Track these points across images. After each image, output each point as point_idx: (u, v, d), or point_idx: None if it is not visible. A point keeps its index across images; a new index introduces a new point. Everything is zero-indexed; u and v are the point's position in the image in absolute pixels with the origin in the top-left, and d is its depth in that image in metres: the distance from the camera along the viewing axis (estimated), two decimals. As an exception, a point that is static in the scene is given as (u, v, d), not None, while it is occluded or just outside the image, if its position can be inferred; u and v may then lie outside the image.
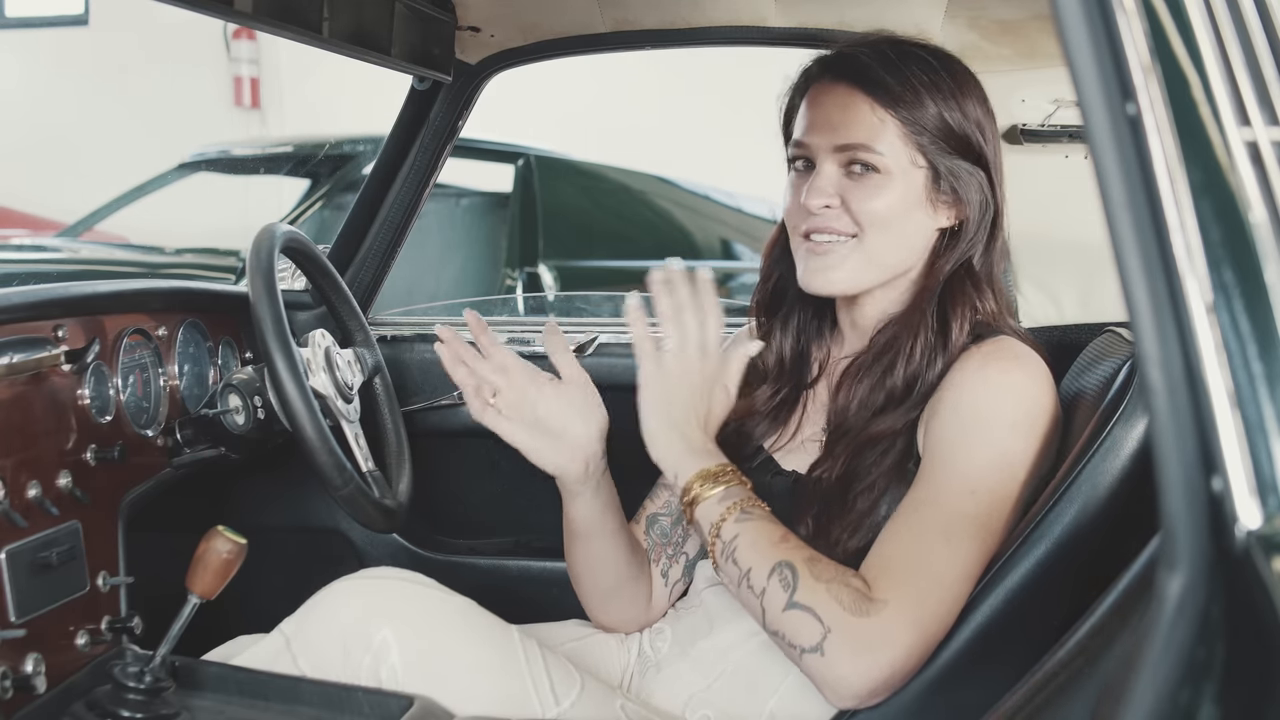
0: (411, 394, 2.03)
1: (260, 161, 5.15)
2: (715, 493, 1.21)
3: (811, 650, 1.11)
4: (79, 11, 6.77)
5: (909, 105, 1.27)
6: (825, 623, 1.11)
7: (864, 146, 1.27)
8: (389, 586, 1.28)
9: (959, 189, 1.29)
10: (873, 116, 1.27)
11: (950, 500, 1.17)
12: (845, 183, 1.28)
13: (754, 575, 1.16)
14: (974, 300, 1.30)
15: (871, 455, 1.27)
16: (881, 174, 1.27)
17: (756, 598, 1.16)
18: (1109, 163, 0.67)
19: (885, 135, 1.27)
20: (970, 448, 1.19)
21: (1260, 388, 0.65)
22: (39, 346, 1.36)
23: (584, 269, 4.51)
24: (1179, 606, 0.64)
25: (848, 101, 1.28)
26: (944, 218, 1.31)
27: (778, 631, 1.15)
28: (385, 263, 2.02)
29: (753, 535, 1.18)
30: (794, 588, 1.13)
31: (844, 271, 1.30)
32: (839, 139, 1.28)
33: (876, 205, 1.27)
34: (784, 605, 1.13)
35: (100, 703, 1.19)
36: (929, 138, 1.27)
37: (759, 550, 1.17)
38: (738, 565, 1.18)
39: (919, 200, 1.29)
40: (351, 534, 2.03)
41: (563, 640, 1.46)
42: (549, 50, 1.90)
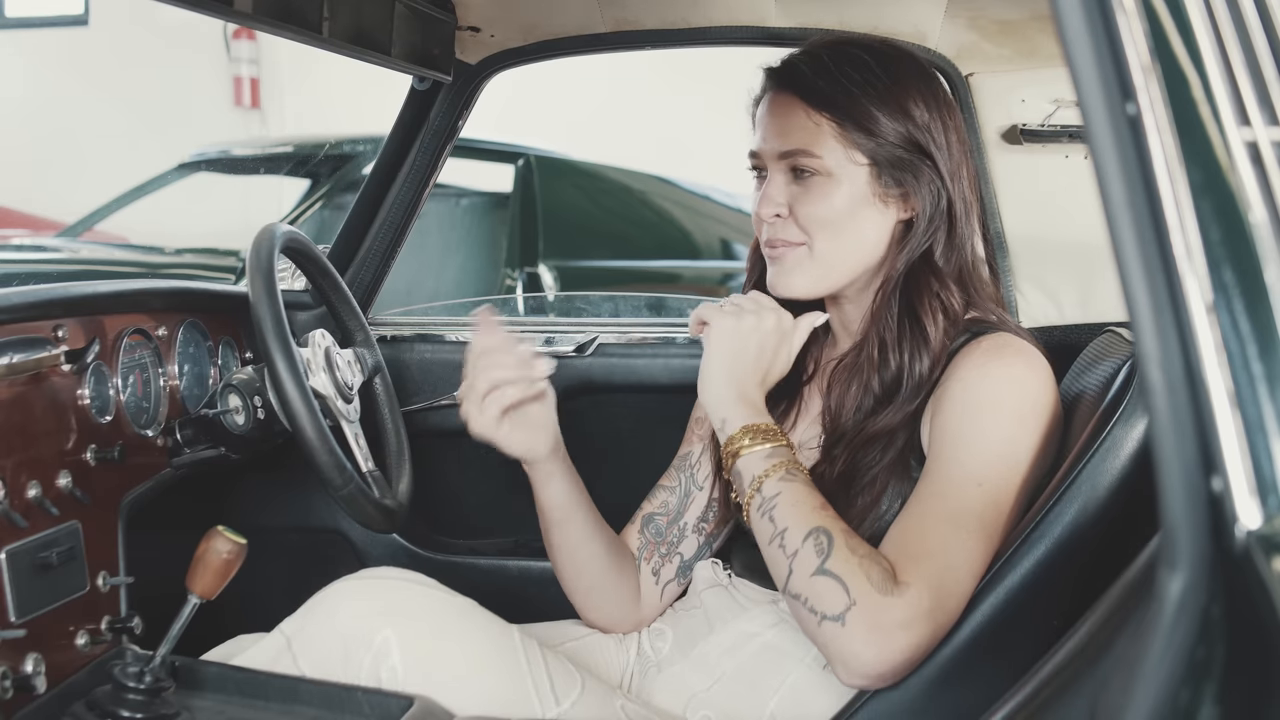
0: (411, 394, 2.03)
1: (260, 161, 5.15)
2: (762, 448, 1.22)
3: (833, 619, 1.11)
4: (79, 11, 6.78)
5: (842, 106, 1.30)
6: (852, 594, 1.11)
7: (803, 151, 1.30)
8: (389, 586, 1.28)
9: (905, 181, 1.31)
10: (808, 121, 1.31)
11: (958, 493, 1.17)
12: (794, 189, 1.32)
13: (789, 535, 1.16)
14: (938, 292, 1.30)
15: (871, 453, 1.27)
16: (823, 176, 1.30)
17: (787, 558, 1.16)
18: (1109, 163, 0.67)
19: (821, 138, 1.30)
20: (976, 439, 1.19)
21: (1260, 388, 0.65)
22: (39, 346, 1.36)
23: (584, 269, 4.51)
24: (1179, 606, 0.64)
25: (786, 109, 1.33)
26: (897, 212, 1.33)
27: (800, 595, 1.14)
28: (385, 263, 2.02)
29: (794, 496, 1.18)
30: (828, 554, 1.13)
31: (801, 277, 1.34)
32: (781, 146, 1.32)
33: (821, 210, 1.30)
34: (814, 570, 1.13)
35: (100, 703, 1.19)
36: (865, 135, 1.29)
37: (799, 512, 1.17)
38: (774, 522, 1.18)
39: (865, 198, 1.31)
40: (351, 534, 2.03)
41: (562, 640, 1.46)
42: (549, 50, 1.90)
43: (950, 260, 1.32)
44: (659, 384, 1.99)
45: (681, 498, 1.50)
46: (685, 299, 4.03)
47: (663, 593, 1.50)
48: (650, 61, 2.95)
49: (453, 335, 2.06)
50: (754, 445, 1.22)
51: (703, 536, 1.50)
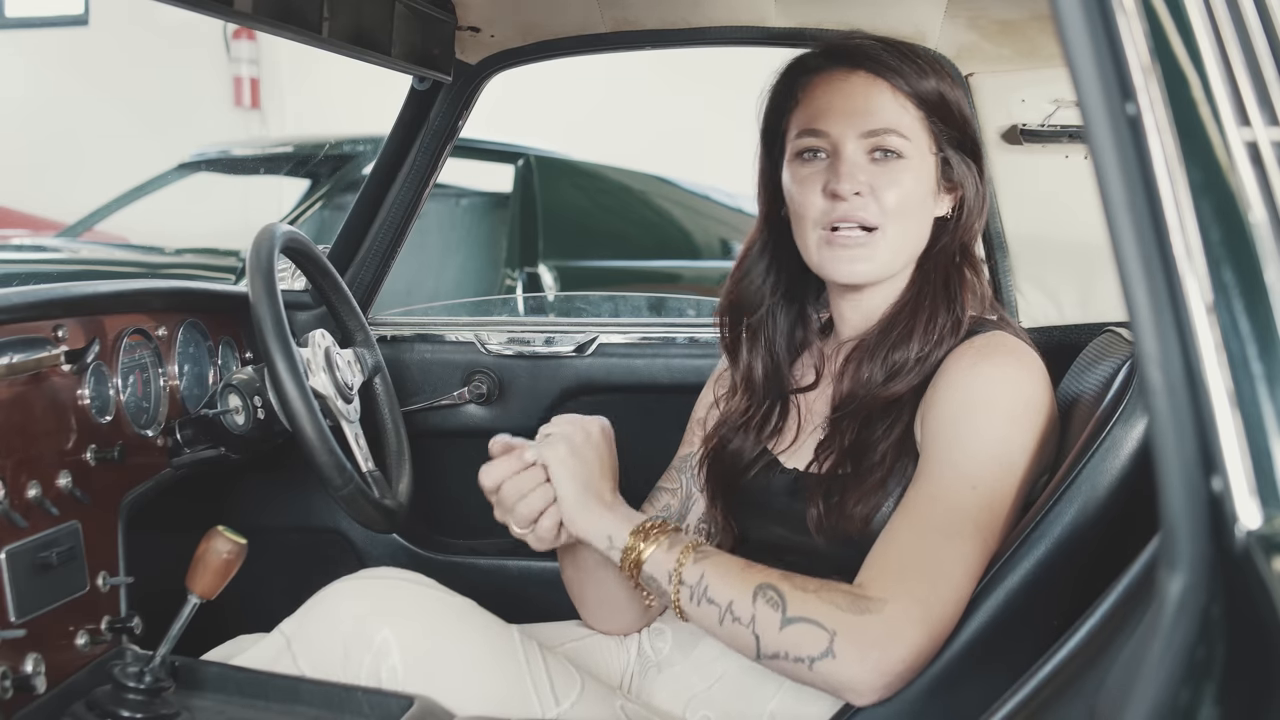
0: (411, 394, 2.03)
1: (260, 161, 5.15)
2: (658, 544, 1.19)
3: (821, 657, 1.10)
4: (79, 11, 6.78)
5: (924, 90, 1.30)
6: (828, 628, 1.10)
7: (892, 131, 1.29)
8: (389, 587, 1.28)
9: (958, 178, 1.33)
10: (894, 102, 1.30)
11: (951, 495, 1.17)
12: (871, 169, 1.29)
13: (737, 606, 1.14)
14: (973, 281, 1.33)
15: (880, 426, 1.27)
16: (904, 159, 1.29)
17: (746, 627, 1.14)
18: (1109, 163, 0.67)
19: (908, 120, 1.30)
20: (969, 440, 1.19)
21: (1260, 388, 0.65)
22: (39, 346, 1.36)
23: (584, 269, 4.51)
24: (1179, 606, 0.64)
25: (868, 88, 1.30)
26: (942, 206, 1.35)
27: (778, 653, 1.13)
28: (385, 263, 2.02)
29: (719, 569, 1.17)
30: (784, 604, 1.12)
31: (873, 264, 1.31)
32: (866, 125, 1.29)
33: (901, 192, 1.29)
34: (780, 624, 1.12)
35: (100, 703, 1.19)
36: (940, 124, 1.31)
37: (731, 581, 1.15)
38: (715, 603, 1.16)
39: (930, 188, 1.32)
40: (351, 534, 2.03)
41: (562, 640, 1.46)
42: (549, 50, 1.90)
43: (974, 247, 1.36)
44: (659, 384, 1.99)
45: (683, 500, 1.50)
46: (685, 299, 4.03)
47: None
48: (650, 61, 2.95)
49: (453, 335, 2.06)
50: (650, 545, 1.20)
51: (703, 537, 1.50)
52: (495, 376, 2.03)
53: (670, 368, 1.98)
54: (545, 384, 2.03)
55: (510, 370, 2.03)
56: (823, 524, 1.26)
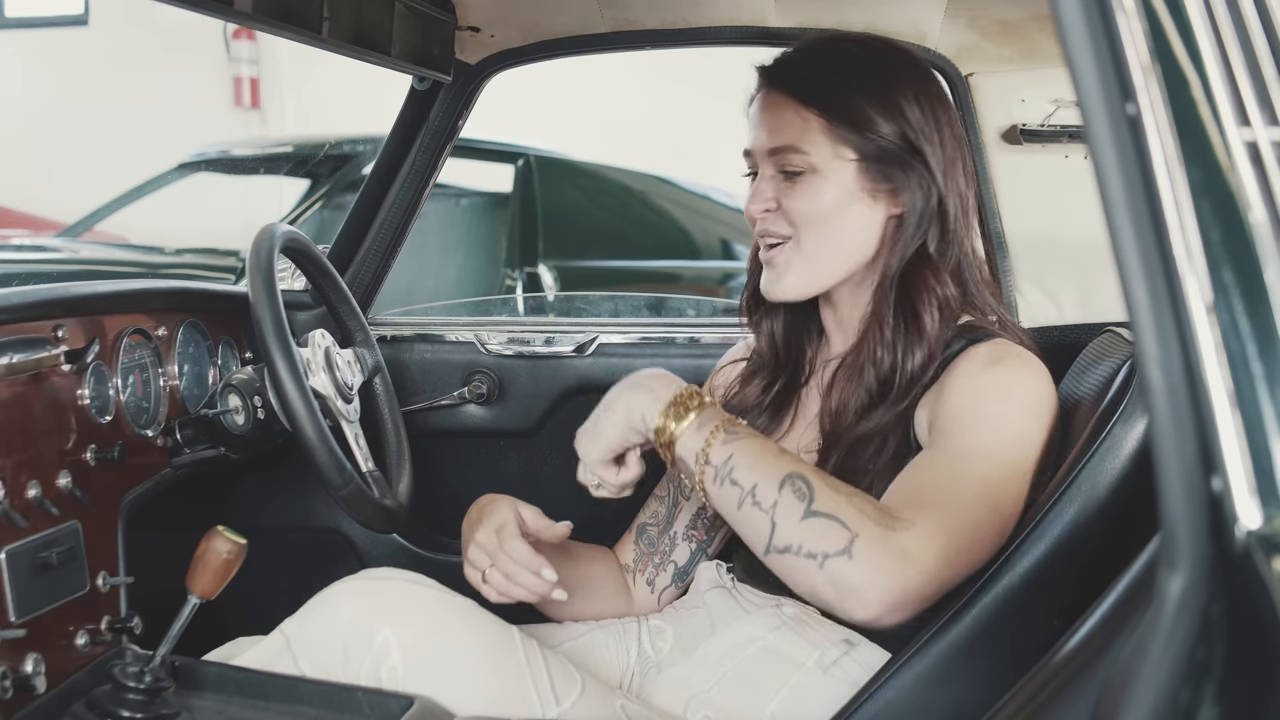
0: (411, 394, 2.03)
1: (260, 161, 5.15)
2: (689, 422, 1.16)
3: (837, 554, 1.05)
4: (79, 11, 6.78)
5: (830, 101, 1.30)
6: (852, 528, 1.05)
7: (791, 148, 1.30)
8: (390, 587, 1.28)
9: (894, 177, 1.30)
10: (797, 117, 1.31)
11: (970, 462, 1.15)
12: (782, 186, 1.32)
13: (761, 490, 1.09)
14: (935, 287, 1.30)
15: (865, 455, 1.27)
16: (811, 173, 1.30)
17: (765, 512, 1.08)
18: (1109, 163, 0.67)
19: (809, 134, 1.30)
20: (987, 421, 1.18)
21: (1260, 388, 0.65)
22: (39, 346, 1.36)
23: (584, 269, 4.52)
24: (1179, 606, 0.64)
25: (776, 106, 1.33)
26: (887, 208, 1.32)
27: (792, 544, 1.07)
28: (385, 263, 2.03)
29: (748, 453, 1.12)
30: (810, 497, 1.08)
31: (791, 276, 1.33)
32: (770, 143, 1.32)
33: (808, 204, 1.30)
34: (802, 514, 1.07)
35: (100, 703, 1.19)
36: (853, 130, 1.29)
37: (761, 466, 1.11)
38: (738, 485, 1.11)
39: (853, 193, 1.30)
40: (351, 534, 2.03)
41: (562, 640, 1.46)
42: (549, 50, 1.90)
43: (946, 256, 1.32)
44: (659, 384, 1.98)
45: (670, 507, 1.51)
46: (685, 299, 4.03)
47: (659, 599, 1.51)
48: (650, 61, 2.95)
49: (453, 335, 2.06)
50: (680, 423, 1.16)
51: (694, 543, 1.51)
52: (495, 376, 2.03)
53: (670, 368, 1.95)
54: (545, 384, 2.03)
55: (510, 370, 2.03)
56: None
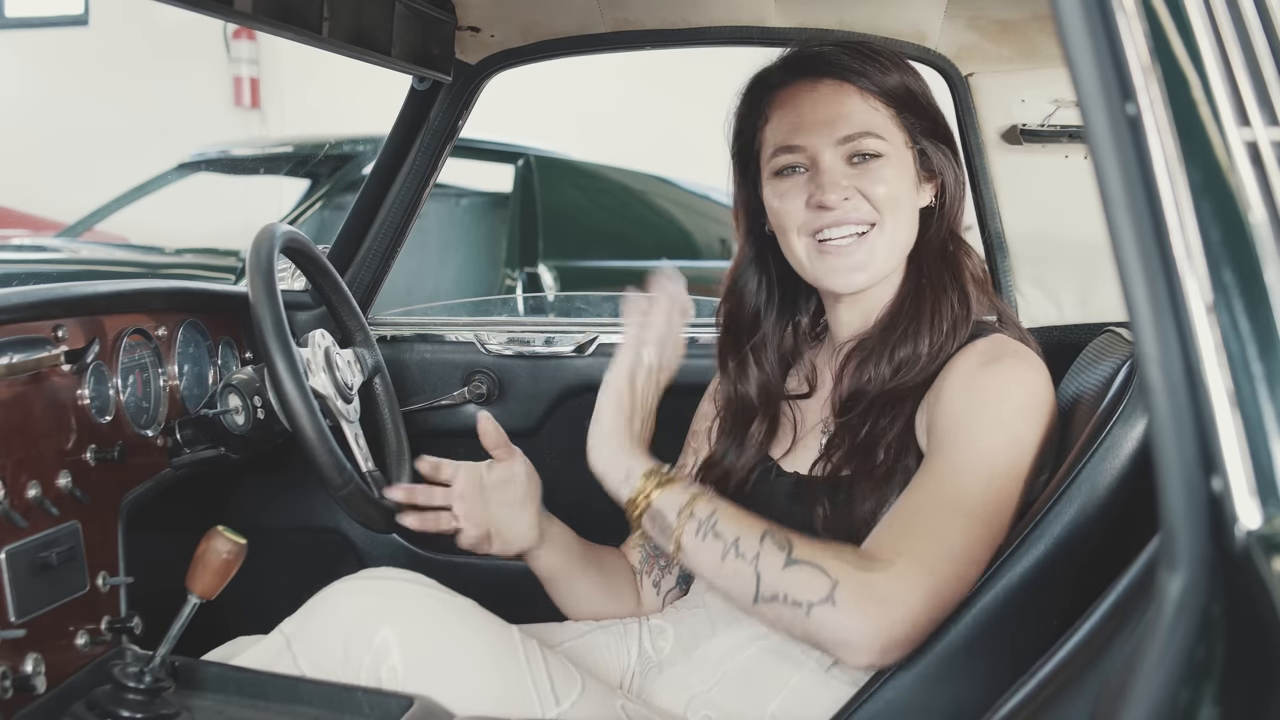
0: (411, 394, 2.03)
1: (260, 161, 5.15)
2: (675, 485, 1.20)
3: (821, 602, 1.08)
4: (79, 11, 6.78)
5: (890, 88, 1.32)
6: (832, 575, 1.09)
7: (868, 134, 1.31)
8: (390, 587, 1.28)
9: (936, 166, 1.35)
10: (864, 104, 1.32)
11: (960, 478, 1.16)
12: (852, 174, 1.31)
13: (743, 543, 1.14)
14: (967, 265, 1.35)
15: (885, 419, 1.28)
16: (883, 158, 1.31)
17: (749, 564, 1.13)
18: (1109, 163, 0.67)
19: (881, 120, 1.32)
20: (980, 431, 1.19)
21: (1260, 388, 0.65)
22: (39, 346, 1.36)
23: (584, 269, 4.51)
24: (1179, 606, 0.64)
25: (836, 95, 1.32)
26: (925, 197, 1.37)
27: (777, 593, 1.11)
28: (385, 263, 2.02)
29: (732, 510, 1.17)
30: (790, 547, 1.12)
31: (869, 269, 1.32)
32: (840, 131, 1.31)
33: (888, 189, 1.31)
34: (784, 563, 1.11)
35: (100, 703, 1.19)
36: (912, 117, 1.33)
37: (742, 521, 1.16)
38: (721, 538, 1.15)
39: (913, 181, 1.34)
40: (351, 534, 2.03)
41: (562, 640, 1.46)
42: (549, 50, 1.90)
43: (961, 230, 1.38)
44: (659, 384, 1.98)
45: None
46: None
47: (664, 600, 1.52)
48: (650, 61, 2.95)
49: (453, 335, 2.06)
50: (662, 490, 1.20)
51: None
52: (495, 376, 2.03)
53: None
54: (545, 384, 2.03)
55: (510, 370, 2.03)
56: (830, 523, 1.26)
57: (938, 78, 1.71)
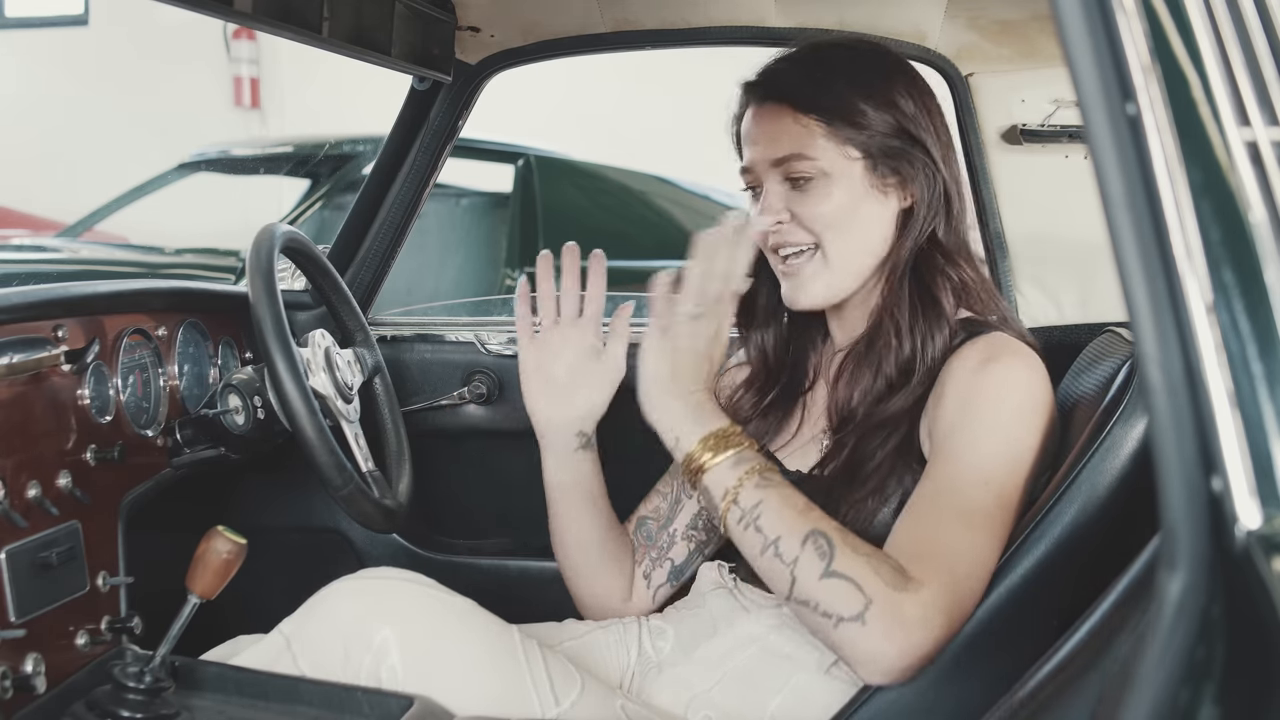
0: (411, 394, 2.03)
1: (260, 161, 5.15)
2: (725, 458, 1.18)
3: (852, 619, 1.08)
4: (79, 11, 6.78)
5: (827, 103, 1.31)
6: (867, 593, 1.08)
7: (797, 155, 1.31)
8: (389, 587, 1.28)
9: (900, 169, 1.32)
10: (796, 125, 1.31)
11: (966, 491, 1.16)
12: (792, 195, 1.33)
13: (784, 544, 1.13)
14: (948, 270, 1.32)
15: (877, 439, 1.28)
16: (821, 177, 1.30)
17: (786, 566, 1.12)
18: (1109, 163, 0.67)
19: (812, 139, 1.31)
20: (979, 438, 1.19)
21: (1260, 388, 0.65)
22: (39, 346, 1.36)
23: (584, 269, 4.51)
24: (1179, 606, 0.64)
25: (773, 116, 1.33)
26: (897, 200, 1.33)
27: (810, 600, 1.11)
28: (385, 263, 2.02)
29: (777, 502, 1.15)
30: (831, 556, 1.10)
31: (818, 284, 1.34)
32: (772, 154, 1.32)
33: (824, 209, 1.31)
34: (821, 573, 1.10)
35: (100, 703, 1.19)
36: (855, 129, 1.30)
37: (786, 518, 1.14)
38: (762, 533, 1.14)
39: (864, 191, 1.32)
40: (351, 534, 2.03)
41: (562, 639, 1.46)
42: (549, 50, 1.90)
43: (952, 239, 1.34)
44: (659, 384, 1.98)
45: (672, 504, 1.51)
46: (685, 299, 4.02)
47: (654, 594, 1.51)
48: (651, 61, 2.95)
49: (453, 335, 2.06)
50: (716, 457, 1.18)
51: (693, 544, 1.51)
52: (495, 376, 2.03)
53: (670, 368, 1.98)
54: (545, 384, 2.02)
55: (510, 370, 2.03)
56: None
57: (938, 77, 1.71)
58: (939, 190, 1.33)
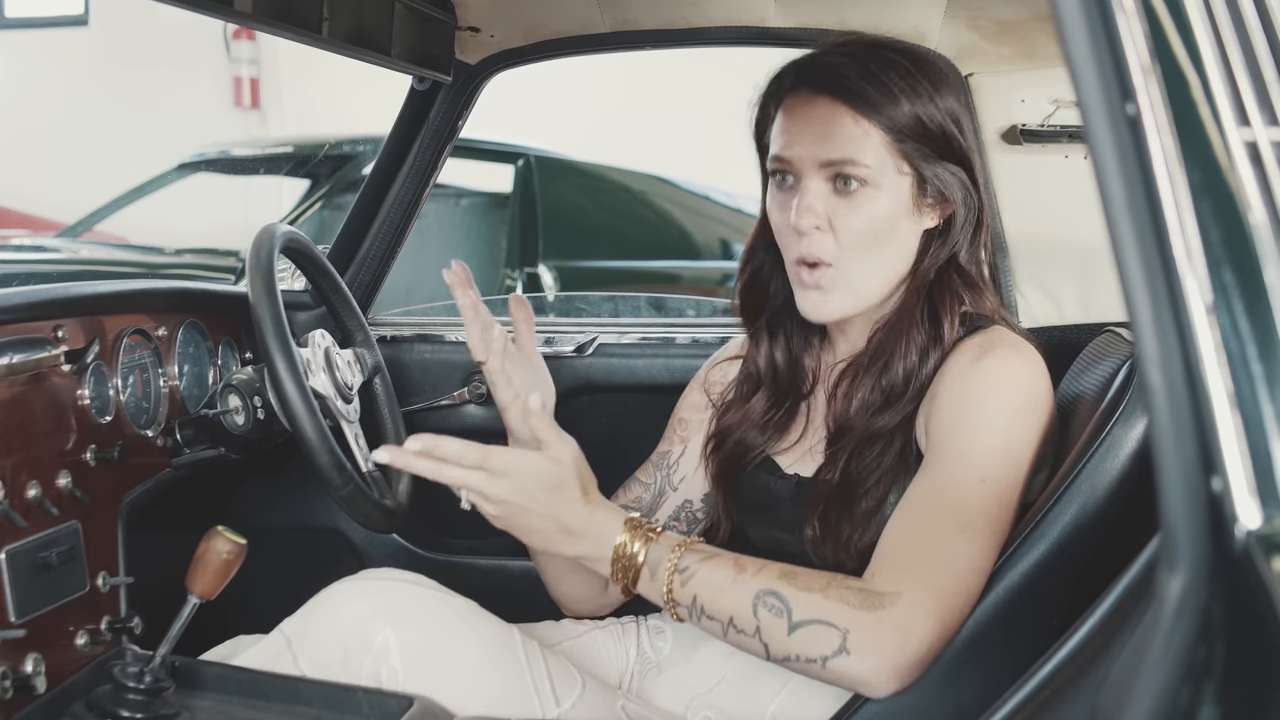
0: (411, 394, 2.03)
1: (260, 161, 5.15)
2: (642, 574, 1.15)
3: (835, 655, 1.08)
4: (79, 11, 6.77)
5: (890, 113, 1.24)
6: (840, 626, 1.08)
7: (850, 161, 1.24)
8: (390, 587, 1.28)
9: (944, 190, 1.27)
10: (856, 128, 1.24)
11: (958, 489, 1.16)
12: (833, 200, 1.25)
13: (739, 619, 1.11)
14: (962, 295, 1.29)
15: (872, 453, 1.27)
16: (868, 186, 1.24)
17: (751, 637, 1.11)
18: (1109, 163, 0.67)
19: (870, 146, 1.24)
20: (975, 434, 1.18)
21: (1260, 388, 0.65)
22: (39, 346, 1.36)
23: (584, 269, 4.52)
24: (1179, 606, 0.64)
25: (829, 114, 1.25)
26: (929, 220, 1.29)
27: (789, 656, 1.10)
28: (385, 263, 2.02)
29: (709, 585, 1.13)
30: (788, 610, 1.10)
31: (837, 300, 1.28)
32: (824, 154, 1.25)
33: (863, 223, 1.25)
34: (788, 630, 1.09)
35: (100, 703, 1.19)
36: (912, 144, 1.25)
37: (726, 594, 1.12)
38: (715, 619, 1.13)
39: (906, 208, 1.27)
40: (351, 534, 2.03)
41: (562, 640, 1.46)
42: (549, 50, 1.90)
43: (970, 262, 1.31)
44: (659, 384, 1.98)
45: (655, 495, 1.50)
46: (685, 299, 4.03)
47: None
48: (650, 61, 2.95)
49: (453, 335, 2.06)
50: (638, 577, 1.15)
51: (687, 532, 1.50)
52: (495, 376, 2.03)
53: (670, 368, 1.98)
54: (545, 384, 2.03)
55: (510, 370, 2.03)
56: (819, 546, 1.27)
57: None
58: (974, 211, 1.29)
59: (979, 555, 1.13)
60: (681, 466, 1.49)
